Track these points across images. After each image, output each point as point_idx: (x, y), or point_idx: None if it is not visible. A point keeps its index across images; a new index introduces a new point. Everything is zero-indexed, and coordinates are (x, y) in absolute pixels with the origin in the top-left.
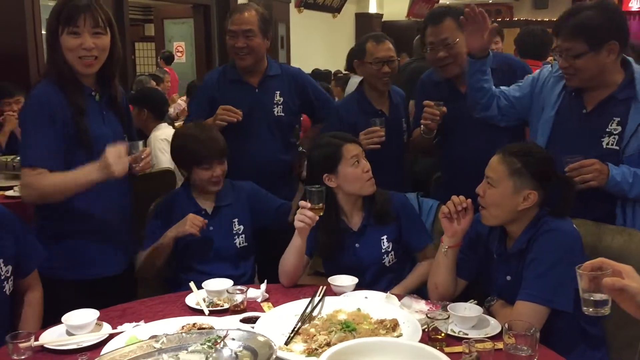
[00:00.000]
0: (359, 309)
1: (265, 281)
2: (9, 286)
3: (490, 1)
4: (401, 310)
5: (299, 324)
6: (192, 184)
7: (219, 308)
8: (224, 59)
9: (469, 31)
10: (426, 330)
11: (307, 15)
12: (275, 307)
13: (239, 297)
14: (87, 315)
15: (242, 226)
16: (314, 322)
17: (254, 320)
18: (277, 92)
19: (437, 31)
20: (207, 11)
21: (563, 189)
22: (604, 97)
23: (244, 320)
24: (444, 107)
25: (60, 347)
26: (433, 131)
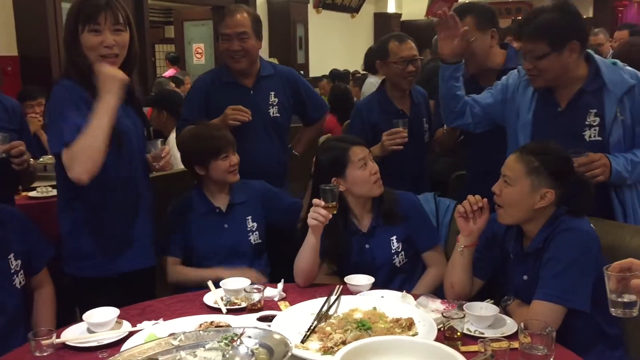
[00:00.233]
0: (374, 308)
1: (282, 280)
2: (19, 280)
3: None
4: (417, 309)
5: (315, 322)
6: (206, 183)
7: (236, 307)
8: None
9: (441, 36)
10: (442, 329)
11: (325, 16)
12: (291, 306)
13: (256, 296)
14: (107, 314)
15: (255, 223)
16: (330, 320)
17: (270, 319)
18: (272, 93)
19: None
20: None
21: (580, 187)
22: (574, 92)
23: (261, 319)
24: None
25: (81, 344)
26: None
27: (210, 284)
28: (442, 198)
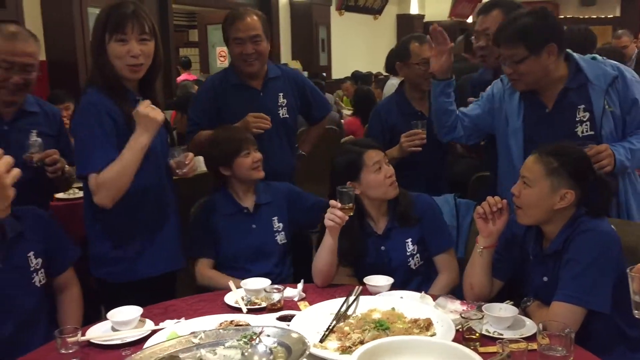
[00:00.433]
0: (393, 309)
1: (302, 281)
2: (39, 278)
3: None
4: (435, 310)
5: (334, 322)
6: (232, 184)
7: (256, 306)
8: None
9: (432, 53)
10: (460, 330)
11: (347, 18)
12: (311, 306)
13: (276, 296)
14: (131, 312)
15: (281, 224)
16: (348, 320)
17: (290, 319)
18: (280, 94)
19: (482, 20)
20: None
21: (600, 188)
22: (558, 91)
23: (281, 319)
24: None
25: (105, 342)
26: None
27: (231, 284)
28: (462, 199)
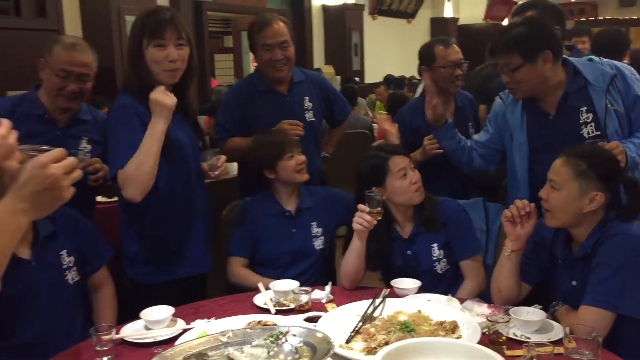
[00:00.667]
0: (419, 311)
1: (330, 283)
2: (72, 276)
3: (574, 0)
4: (462, 312)
5: (360, 323)
6: (276, 186)
7: (285, 308)
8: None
9: (429, 104)
10: (487, 333)
11: (380, 22)
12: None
13: (304, 298)
14: (163, 312)
15: (320, 229)
16: (374, 322)
17: (317, 320)
18: (306, 98)
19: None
20: None
21: (630, 190)
22: (559, 97)
23: (308, 320)
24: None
25: (138, 340)
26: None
27: (260, 285)
28: (491, 203)
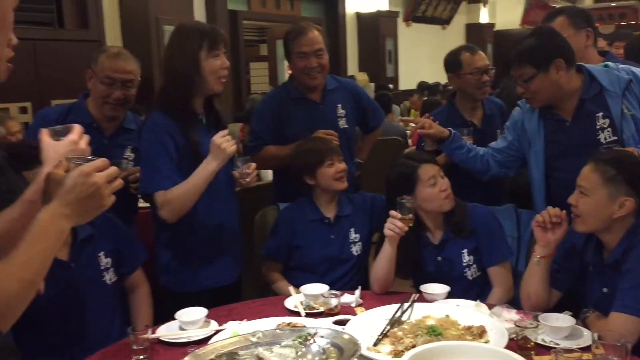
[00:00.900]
0: (447, 316)
1: (360, 287)
2: (109, 276)
3: (614, 4)
4: (490, 318)
5: (388, 327)
6: (316, 193)
7: (314, 311)
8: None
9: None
10: (515, 339)
11: (415, 29)
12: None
13: (333, 301)
14: (197, 313)
15: (358, 235)
16: (402, 326)
17: (345, 323)
18: (339, 105)
19: None
20: None
21: None
22: (575, 103)
23: (337, 322)
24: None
25: (173, 339)
26: None
27: (291, 289)
28: (523, 210)
